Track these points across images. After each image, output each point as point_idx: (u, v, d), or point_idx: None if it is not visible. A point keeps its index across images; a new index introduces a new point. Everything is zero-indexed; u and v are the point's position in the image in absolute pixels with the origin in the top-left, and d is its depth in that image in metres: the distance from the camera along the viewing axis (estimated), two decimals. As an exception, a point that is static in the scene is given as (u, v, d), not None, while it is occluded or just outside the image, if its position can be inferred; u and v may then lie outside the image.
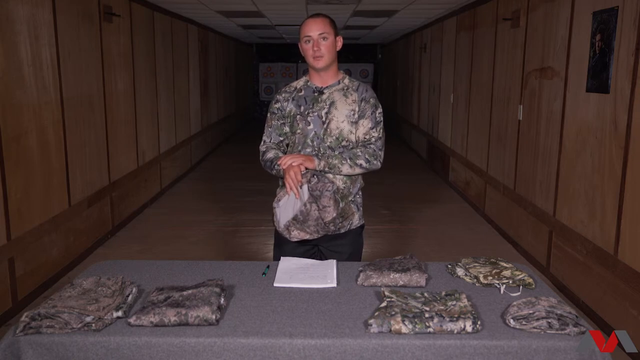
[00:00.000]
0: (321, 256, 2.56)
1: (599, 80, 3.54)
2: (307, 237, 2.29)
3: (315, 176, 2.27)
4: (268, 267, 2.28)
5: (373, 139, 2.44)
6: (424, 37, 9.66)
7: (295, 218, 2.27)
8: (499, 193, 5.52)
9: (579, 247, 3.81)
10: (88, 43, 4.76)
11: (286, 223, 2.30)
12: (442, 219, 6.04)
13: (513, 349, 1.69)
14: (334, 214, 2.24)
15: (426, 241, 5.25)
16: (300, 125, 2.46)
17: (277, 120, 2.53)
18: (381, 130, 2.48)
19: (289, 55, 15.93)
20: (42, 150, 3.97)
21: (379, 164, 2.43)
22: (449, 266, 2.27)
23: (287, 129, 2.52)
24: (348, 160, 2.38)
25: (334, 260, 2.34)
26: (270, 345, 1.70)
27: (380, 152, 2.44)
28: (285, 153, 2.56)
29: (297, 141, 2.49)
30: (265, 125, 2.58)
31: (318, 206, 2.23)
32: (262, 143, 2.57)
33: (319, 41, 2.41)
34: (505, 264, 2.21)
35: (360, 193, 2.57)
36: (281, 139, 2.54)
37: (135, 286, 2.00)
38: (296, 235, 2.29)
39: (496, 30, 5.63)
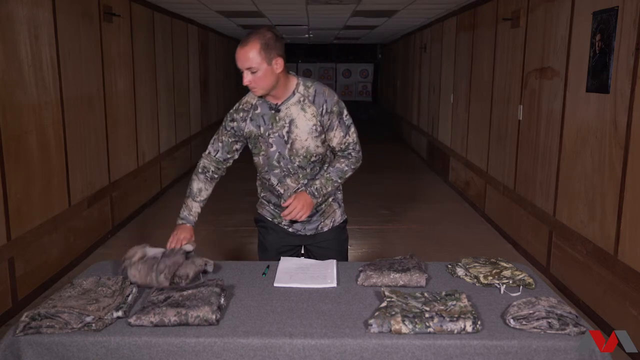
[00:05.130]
0: (308, 255, 2.57)
1: (599, 80, 3.54)
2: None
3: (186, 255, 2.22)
4: (268, 267, 2.28)
5: (350, 146, 2.39)
6: (424, 37, 9.66)
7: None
8: (499, 193, 5.52)
9: (579, 247, 3.81)
10: (88, 43, 4.76)
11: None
12: (442, 219, 6.04)
13: (513, 349, 1.69)
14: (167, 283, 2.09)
15: (426, 241, 5.25)
16: (263, 147, 2.35)
17: (229, 137, 2.42)
18: (354, 133, 2.40)
19: (289, 55, 15.82)
20: (42, 150, 3.97)
21: (360, 161, 2.45)
22: (449, 266, 2.27)
23: (237, 146, 2.44)
24: (339, 180, 2.39)
25: (334, 260, 2.34)
26: (270, 345, 1.70)
27: (360, 154, 2.44)
28: (223, 171, 2.48)
29: (262, 162, 2.40)
30: (215, 135, 2.47)
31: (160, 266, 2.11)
32: (206, 152, 2.48)
33: (248, 75, 2.22)
34: (505, 264, 2.21)
35: (340, 189, 2.55)
36: (229, 156, 2.45)
37: (135, 286, 2.00)
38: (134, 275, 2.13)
39: (496, 30, 5.63)
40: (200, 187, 2.44)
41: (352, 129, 2.39)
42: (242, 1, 6.73)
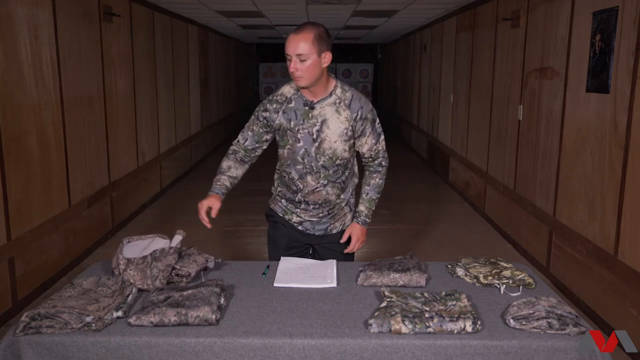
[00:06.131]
0: (315, 255, 2.58)
1: (599, 80, 3.54)
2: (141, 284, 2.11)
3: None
4: (268, 267, 2.28)
5: (380, 154, 2.46)
6: (424, 37, 9.66)
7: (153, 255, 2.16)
8: (499, 193, 5.52)
9: (579, 247, 3.81)
10: (88, 43, 4.76)
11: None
12: (442, 219, 6.04)
13: (513, 349, 1.69)
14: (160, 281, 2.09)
15: (426, 241, 5.25)
16: (290, 141, 2.36)
17: (260, 127, 2.42)
18: (383, 141, 2.47)
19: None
20: (42, 150, 3.97)
21: (387, 167, 2.53)
22: (449, 266, 2.27)
23: (267, 137, 2.45)
24: (378, 195, 2.51)
25: (334, 260, 2.34)
26: (270, 345, 1.70)
27: (388, 162, 2.51)
28: (253, 159, 2.50)
29: (286, 155, 2.40)
30: (246, 125, 2.48)
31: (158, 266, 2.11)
32: (236, 140, 2.49)
33: (296, 62, 2.21)
34: (505, 264, 2.21)
35: (353, 194, 2.56)
36: (257, 145, 2.46)
37: (135, 286, 1.99)
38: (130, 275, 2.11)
39: (496, 30, 5.63)
40: (230, 165, 2.45)
41: (382, 137, 2.46)
42: (242, 1, 6.73)
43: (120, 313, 1.81)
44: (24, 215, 3.74)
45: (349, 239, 2.51)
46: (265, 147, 2.50)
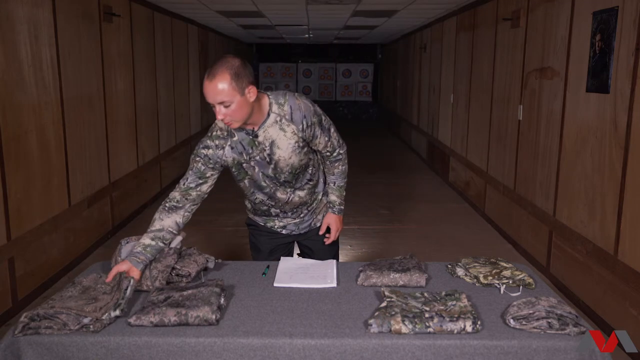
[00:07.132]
0: (301, 247, 2.61)
1: (599, 80, 3.54)
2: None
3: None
4: (268, 267, 2.28)
5: (336, 145, 2.41)
6: (424, 37, 9.66)
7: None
8: (499, 193, 5.52)
9: (579, 247, 3.81)
10: (88, 43, 4.76)
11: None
12: (442, 219, 6.04)
13: (513, 349, 1.69)
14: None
15: (426, 241, 5.25)
16: (249, 172, 2.30)
17: (202, 165, 2.24)
18: (335, 132, 2.40)
19: (289, 55, 15.91)
20: (42, 150, 3.97)
21: (346, 151, 2.50)
22: (449, 266, 2.27)
23: (212, 173, 2.26)
24: (345, 180, 2.51)
25: (334, 260, 2.35)
26: (270, 345, 1.70)
27: (345, 147, 2.47)
28: (192, 203, 2.28)
29: (248, 185, 2.36)
30: (185, 172, 2.31)
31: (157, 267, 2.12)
32: (176, 186, 2.31)
33: (221, 109, 2.05)
34: (505, 264, 2.21)
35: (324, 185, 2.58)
36: (201, 182, 2.25)
37: (132, 278, 1.98)
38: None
39: (496, 30, 5.63)
40: (155, 217, 2.26)
41: (332, 129, 2.39)
42: (242, 1, 6.73)
43: (118, 312, 1.81)
44: (24, 215, 3.74)
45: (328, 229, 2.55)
46: (210, 183, 2.28)
